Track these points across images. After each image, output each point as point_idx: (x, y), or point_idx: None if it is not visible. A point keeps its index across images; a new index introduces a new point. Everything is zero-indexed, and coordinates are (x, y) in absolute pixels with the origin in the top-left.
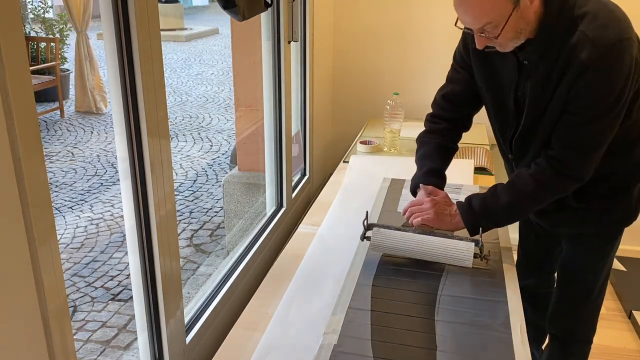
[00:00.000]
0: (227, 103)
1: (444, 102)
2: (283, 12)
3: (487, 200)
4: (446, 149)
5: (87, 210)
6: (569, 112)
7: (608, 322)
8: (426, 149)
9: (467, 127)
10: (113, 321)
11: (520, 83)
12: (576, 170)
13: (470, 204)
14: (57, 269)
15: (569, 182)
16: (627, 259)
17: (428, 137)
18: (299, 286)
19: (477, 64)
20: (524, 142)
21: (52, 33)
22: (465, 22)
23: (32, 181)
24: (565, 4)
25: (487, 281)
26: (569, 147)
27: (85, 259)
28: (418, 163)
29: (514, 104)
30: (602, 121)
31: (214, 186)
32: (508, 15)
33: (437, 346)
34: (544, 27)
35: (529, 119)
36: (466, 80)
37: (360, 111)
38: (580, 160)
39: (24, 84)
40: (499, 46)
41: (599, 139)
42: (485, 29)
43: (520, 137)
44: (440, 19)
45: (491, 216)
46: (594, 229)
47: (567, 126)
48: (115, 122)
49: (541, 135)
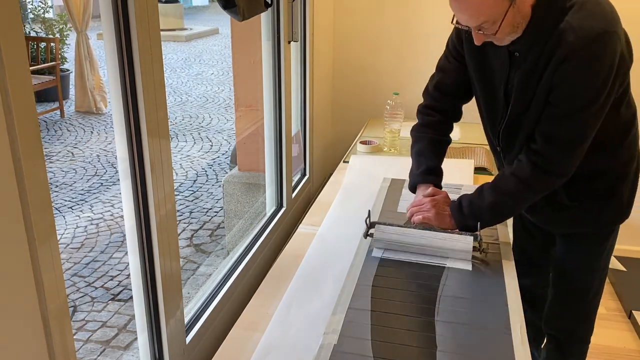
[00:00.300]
0: (227, 103)
1: (436, 92)
2: (283, 12)
3: (473, 200)
4: (440, 144)
5: (87, 210)
6: (551, 105)
7: (608, 322)
8: (421, 145)
9: (457, 117)
10: (113, 321)
11: (511, 75)
12: (557, 166)
13: (460, 204)
14: (57, 269)
15: (552, 178)
16: (627, 259)
17: (422, 131)
18: (299, 286)
19: (470, 55)
20: (510, 134)
21: (52, 33)
22: (462, 20)
23: (32, 181)
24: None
25: (487, 281)
26: (550, 141)
27: (85, 259)
28: (414, 159)
29: (504, 95)
30: (583, 114)
31: (214, 186)
32: (505, 12)
33: (437, 346)
34: (535, 19)
35: (515, 111)
36: (457, 70)
37: (360, 111)
38: (561, 154)
39: (24, 84)
40: (497, 41)
41: (580, 133)
42: (483, 26)
43: (507, 129)
44: (440, 19)
45: (478, 216)
46: (587, 228)
47: (549, 119)
48: (115, 122)
49: (526, 127)
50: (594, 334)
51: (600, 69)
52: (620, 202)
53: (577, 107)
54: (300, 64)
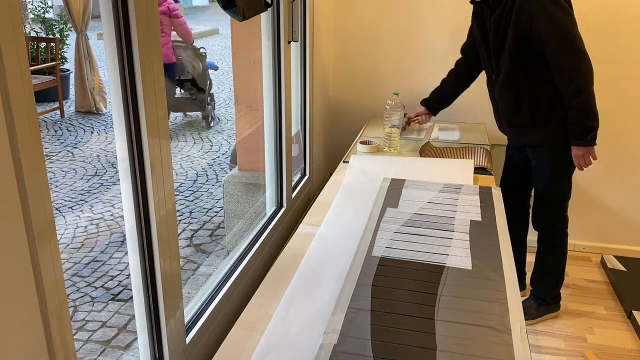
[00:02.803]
0: (227, 103)
1: (461, 55)
2: (283, 12)
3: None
4: (457, 83)
5: (87, 210)
6: (540, 41)
7: (608, 322)
8: (444, 79)
9: (475, 70)
10: (113, 321)
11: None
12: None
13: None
14: (57, 269)
15: (575, 77)
16: (627, 259)
17: (448, 74)
18: (299, 286)
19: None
20: (499, 62)
21: (52, 33)
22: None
23: (32, 181)
24: None
25: (487, 281)
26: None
27: (85, 259)
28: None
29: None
30: (559, 19)
31: (214, 186)
32: None
33: (437, 346)
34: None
35: (496, 45)
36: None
37: (360, 111)
38: (572, 55)
39: (24, 84)
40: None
41: (568, 30)
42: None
43: (495, 56)
44: (439, 19)
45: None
46: (544, 142)
47: (542, 52)
48: (115, 122)
49: (506, 51)
50: (593, 334)
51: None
52: (555, 125)
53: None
54: (300, 64)
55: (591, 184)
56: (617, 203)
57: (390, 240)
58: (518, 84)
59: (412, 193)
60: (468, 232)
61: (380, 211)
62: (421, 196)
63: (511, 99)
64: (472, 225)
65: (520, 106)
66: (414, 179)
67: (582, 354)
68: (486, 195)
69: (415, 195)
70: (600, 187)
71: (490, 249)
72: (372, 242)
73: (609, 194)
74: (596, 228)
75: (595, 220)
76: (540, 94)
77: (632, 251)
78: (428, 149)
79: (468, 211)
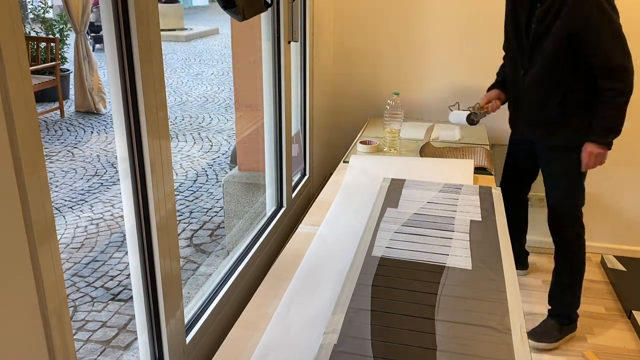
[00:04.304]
0: (227, 103)
1: (504, 53)
2: (283, 12)
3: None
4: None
5: (87, 210)
6: (582, 38)
7: (608, 322)
8: (503, 64)
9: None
10: (113, 321)
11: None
12: (618, 61)
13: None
14: (57, 269)
15: (622, 76)
16: (627, 259)
17: (505, 57)
18: (299, 286)
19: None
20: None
21: (52, 33)
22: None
23: (32, 181)
24: None
25: (487, 281)
26: (598, 55)
27: (85, 259)
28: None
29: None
30: (603, 21)
31: (214, 186)
32: None
33: (437, 346)
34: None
35: (536, 37)
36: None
37: (360, 111)
38: (622, 53)
39: (24, 84)
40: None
41: (620, 29)
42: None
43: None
44: (440, 19)
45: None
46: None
47: (590, 48)
48: (115, 122)
49: (548, 46)
50: (593, 334)
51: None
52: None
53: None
54: (300, 64)
55: (591, 184)
56: (617, 203)
57: (390, 240)
58: (552, 79)
59: (412, 193)
60: (468, 232)
61: (380, 211)
62: (421, 196)
63: (542, 93)
64: (472, 225)
65: (550, 100)
66: (414, 179)
67: (582, 354)
68: (486, 195)
69: (415, 195)
70: (600, 187)
71: (490, 249)
72: (372, 242)
73: (609, 194)
74: (596, 228)
75: (595, 220)
76: (572, 91)
77: (632, 251)
78: (428, 149)
79: (468, 211)
